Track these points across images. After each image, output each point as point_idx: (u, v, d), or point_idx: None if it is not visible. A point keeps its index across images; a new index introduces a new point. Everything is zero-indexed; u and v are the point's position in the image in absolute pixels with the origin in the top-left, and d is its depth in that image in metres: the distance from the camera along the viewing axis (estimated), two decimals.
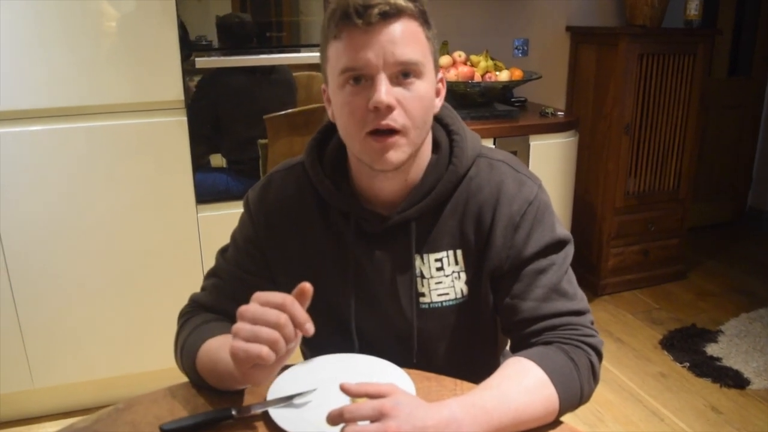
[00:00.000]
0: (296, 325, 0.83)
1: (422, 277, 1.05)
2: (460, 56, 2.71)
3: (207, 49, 2.17)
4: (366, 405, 0.77)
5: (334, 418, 0.78)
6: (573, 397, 0.93)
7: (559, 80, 3.37)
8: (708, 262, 3.68)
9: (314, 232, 1.07)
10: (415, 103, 0.93)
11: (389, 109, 0.91)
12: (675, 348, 2.75)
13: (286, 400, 0.93)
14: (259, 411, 0.92)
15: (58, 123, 2.06)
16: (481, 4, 3.08)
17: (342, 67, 0.92)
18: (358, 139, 0.95)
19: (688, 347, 2.75)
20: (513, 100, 3.02)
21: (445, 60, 2.69)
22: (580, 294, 1.04)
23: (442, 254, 1.04)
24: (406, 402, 0.79)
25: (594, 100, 3.19)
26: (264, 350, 0.81)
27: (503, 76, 2.67)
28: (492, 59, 2.73)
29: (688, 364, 2.63)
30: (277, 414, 0.90)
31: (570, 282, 1.04)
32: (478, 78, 2.64)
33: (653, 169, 3.21)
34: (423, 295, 1.05)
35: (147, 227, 2.22)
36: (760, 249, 3.88)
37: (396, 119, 0.92)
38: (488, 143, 2.52)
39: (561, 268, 1.03)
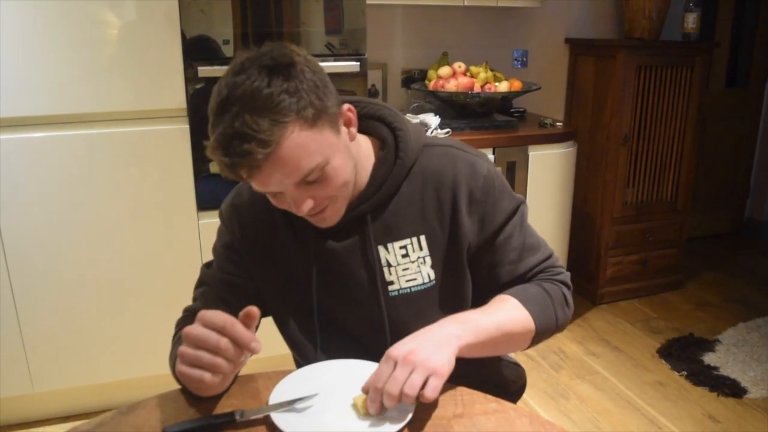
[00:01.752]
0: (240, 346, 0.87)
1: (389, 265, 1.10)
2: (459, 67, 2.74)
3: (209, 58, 2.19)
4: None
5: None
6: (549, 320, 1.08)
7: (557, 91, 3.40)
8: (706, 272, 3.69)
9: (281, 235, 1.13)
10: (332, 184, 0.96)
11: (312, 209, 0.97)
12: (673, 357, 2.77)
13: (288, 405, 0.94)
14: (261, 415, 0.93)
15: (60, 130, 2.08)
16: (481, 15, 3.11)
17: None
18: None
19: (685, 356, 2.77)
20: (512, 110, 3.05)
21: (444, 71, 2.72)
22: (542, 240, 1.17)
23: (406, 241, 1.10)
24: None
25: (592, 111, 3.22)
26: (206, 376, 0.88)
27: (503, 86, 2.69)
28: (491, 70, 2.75)
29: (685, 373, 2.65)
30: (279, 418, 0.91)
31: (532, 235, 1.15)
32: (477, 89, 2.67)
33: (651, 180, 3.23)
34: (392, 283, 1.11)
35: (148, 234, 2.23)
36: (757, 259, 3.90)
37: (321, 204, 0.98)
38: (487, 153, 2.54)
39: (522, 226, 1.14)
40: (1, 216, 2.07)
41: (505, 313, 1.04)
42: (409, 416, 0.91)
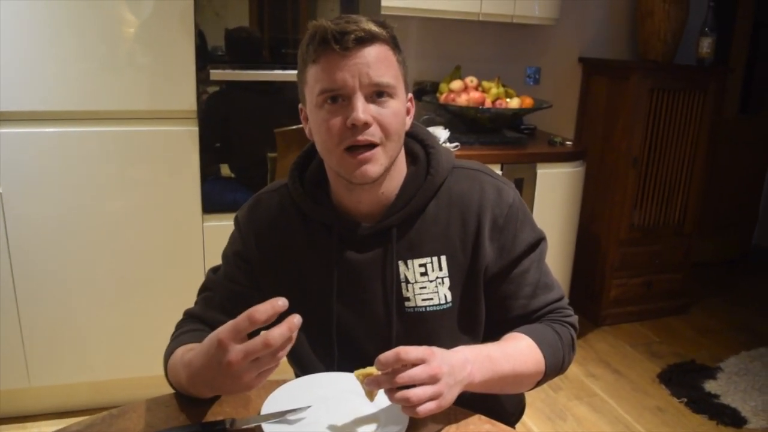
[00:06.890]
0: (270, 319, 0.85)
1: (407, 282, 1.10)
2: (471, 81, 2.73)
3: (222, 61, 2.20)
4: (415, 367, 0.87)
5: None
6: (557, 363, 1.09)
7: (569, 110, 3.39)
8: (711, 298, 3.66)
9: (299, 247, 1.13)
10: (389, 119, 1.00)
11: (366, 125, 0.98)
12: (673, 383, 2.74)
13: (280, 416, 0.94)
14: (252, 425, 0.93)
15: (70, 126, 2.09)
16: (495, 31, 3.11)
17: (321, 88, 0.99)
18: (336, 154, 1.01)
19: (686, 382, 2.74)
20: (522, 127, 3.04)
21: (456, 84, 2.72)
22: (556, 281, 1.17)
23: (426, 260, 1.09)
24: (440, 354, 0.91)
25: (603, 132, 3.20)
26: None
27: (514, 103, 2.69)
28: (503, 86, 2.75)
29: (685, 400, 2.62)
30: (270, 429, 0.91)
31: (547, 274, 1.16)
32: (488, 104, 2.66)
33: (659, 203, 3.21)
34: (408, 299, 1.10)
35: (153, 233, 2.23)
36: (763, 287, 3.87)
37: (373, 134, 0.99)
38: (495, 169, 2.53)
39: (540, 263, 1.14)
40: (6, 211, 2.07)
41: (523, 358, 1.04)
42: None
